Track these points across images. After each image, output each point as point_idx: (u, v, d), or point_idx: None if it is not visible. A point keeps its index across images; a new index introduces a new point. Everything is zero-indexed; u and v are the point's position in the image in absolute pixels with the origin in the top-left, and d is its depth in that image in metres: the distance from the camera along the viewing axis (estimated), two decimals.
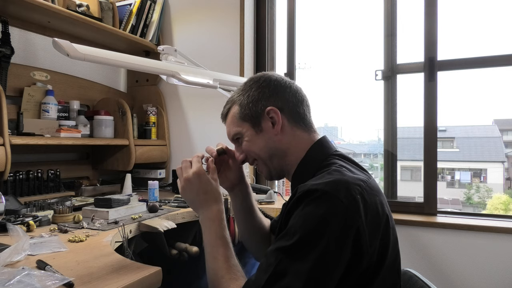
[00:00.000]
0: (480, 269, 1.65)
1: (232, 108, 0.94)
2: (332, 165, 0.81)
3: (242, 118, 0.91)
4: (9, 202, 1.30)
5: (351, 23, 2.92)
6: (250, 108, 0.90)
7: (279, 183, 2.02)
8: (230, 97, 0.97)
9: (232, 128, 0.94)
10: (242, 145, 0.93)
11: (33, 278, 0.76)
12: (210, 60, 2.14)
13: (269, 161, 0.91)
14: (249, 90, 0.92)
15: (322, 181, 0.72)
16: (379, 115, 1.98)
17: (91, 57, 1.20)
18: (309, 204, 0.69)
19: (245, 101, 0.91)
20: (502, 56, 1.78)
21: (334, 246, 0.66)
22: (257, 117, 0.89)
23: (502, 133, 7.52)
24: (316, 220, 0.67)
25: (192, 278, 1.73)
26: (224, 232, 0.84)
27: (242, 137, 0.93)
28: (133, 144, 1.98)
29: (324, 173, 0.78)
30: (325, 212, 0.68)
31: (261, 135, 0.90)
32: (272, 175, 0.94)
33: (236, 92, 0.96)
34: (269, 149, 0.89)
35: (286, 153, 0.89)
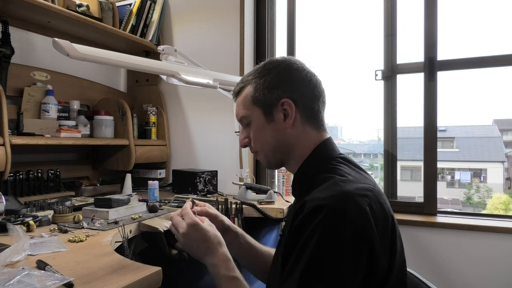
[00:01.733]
0: (480, 269, 1.65)
1: (246, 89, 0.88)
2: (337, 170, 0.78)
3: (255, 102, 0.86)
4: (9, 202, 1.30)
5: (351, 23, 2.92)
6: (265, 94, 0.85)
7: (279, 183, 2.02)
8: (244, 76, 0.91)
9: (242, 110, 0.89)
10: (249, 130, 0.89)
11: (33, 278, 0.76)
12: (210, 60, 2.14)
13: (273, 153, 0.88)
14: (267, 74, 0.86)
15: (329, 194, 0.70)
16: (379, 115, 1.99)
17: (91, 57, 1.20)
18: (319, 223, 0.66)
19: (261, 85, 0.86)
20: (502, 56, 1.78)
21: (349, 263, 0.64)
22: (270, 105, 0.85)
23: (502, 133, 7.52)
24: (328, 239, 0.65)
25: (192, 278, 1.72)
26: (233, 273, 0.83)
27: (251, 122, 0.88)
28: (133, 144, 1.98)
29: (330, 182, 0.74)
30: (336, 231, 0.65)
31: (271, 125, 0.85)
32: (271, 166, 0.92)
33: (253, 72, 0.89)
34: (276, 141, 0.86)
35: (292, 149, 0.86)
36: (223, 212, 1.61)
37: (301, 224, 0.69)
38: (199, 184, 1.95)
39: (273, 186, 2.21)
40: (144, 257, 1.50)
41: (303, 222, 0.69)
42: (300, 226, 0.69)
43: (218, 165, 2.16)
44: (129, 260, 0.95)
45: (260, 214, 1.64)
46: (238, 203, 1.64)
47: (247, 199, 1.76)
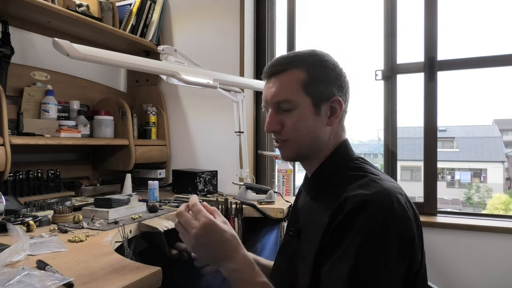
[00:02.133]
0: (480, 269, 1.65)
1: (295, 72, 0.80)
2: (364, 169, 0.78)
3: (307, 90, 0.80)
4: (9, 202, 1.30)
5: (351, 23, 2.92)
6: (321, 87, 0.80)
7: (279, 183, 2.02)
8: (289, 57, 0.83)
9: (287, 93, 0.80)
10: (285, 116, 0.81)
11: (33, 278, 0.76)
12: (210, 60, 2.14)
13: (306, 146, 0.82)
14: (324, 66, 0.82)
15: (373, 190, 0.69)
16: (379, 115, 1.98)
17: (91, 57, 1.20)
18: (367, 218, 0.65)
19: (317, 75, 0.80)
20: (502, 56, 1.78)
21: (396, 258, 0.65)
22: (321, 99, 0.80)
23: (502, 133, 7.52)
24: (378, 234, 0.65)
25: (192, 278, 1.73)
26: (261, 278, 0.73)
27: (294, 109, 0.80)
28: (133, 144, 1.98)
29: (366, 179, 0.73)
30: (384, 226, 0.65)
31: (316, 118, 0.81)
32: (294, 159, 0.88)
33: (301, 58, 0.82)
34: (315, 137, 0.82)
35: (323, 147, 0.83)
36: (223, 213, 1.61)
37: (347, 220, 0.67)
38: (199, 184, 1.95)
39: (273, 186, 2.21)
40: (144, 257, 1.50)
41: (348, 218, 0.67)
42: (346, 221, 0.67)
43: (218, 165, 2.16)
44: (129, 260, 0.95)
45: (260, 214, 1.64)
46: (238, 203, 1.64)
47: (247, 199, 1.76)
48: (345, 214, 0.68)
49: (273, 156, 2.11)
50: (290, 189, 2.02)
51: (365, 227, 0.65)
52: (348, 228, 0.66)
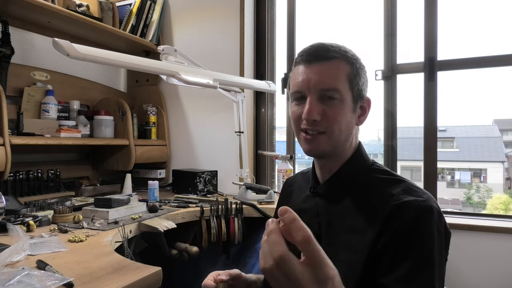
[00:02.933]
0: (480, 269, 1.65)
1: (342, 62, 0.77)
2: (388, 172, 0.80)
3: (351, 84, 0.77)
4: (9, 202, 1.30)
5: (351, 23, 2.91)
6: (362, 84, 0.80)
7: (279, 183, 2.02)
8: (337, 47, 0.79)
9: (334, 81, 0.75)
10: (328, 107, 0.76)
11: (33, 278, 0.76)
12: (210, 60, 2.14)
13: (340, 141, 0.78)
14: (363, 66, 0.81)
15: (425, 197, 0.71)
16: (379, 115, 1.98)
17: (91, 57, 1.20)
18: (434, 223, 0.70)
19: (360, 73, 0.79)
20: (502, 56, 1.78)
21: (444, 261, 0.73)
22: (359, 97, 0.79)
23: (502, 133, 7.52)
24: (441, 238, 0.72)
25: (192, 278, 1.73)
26: None
27: (339, 101, 0.76)
28: (133, 144, 1.98)
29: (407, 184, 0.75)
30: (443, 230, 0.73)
31: (352, 115, 0.79)
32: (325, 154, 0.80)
33: (348, 51, 0.80)
34: (349, 133, 0.79)
35: (348, 146, 0.81)
36: (223, 212, 1.61)
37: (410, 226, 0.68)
38: (199, 184, 1.95)
39: (273, 186, 2.21)
40: (144, 257, 1.50)
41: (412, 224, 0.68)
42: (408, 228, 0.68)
43: (218, 165, 2.16)
44: (129, 260, 0.95)
45: (260, 214, 1.64)
46: (238, 203, 1.64)
47: (247, 199, 1.76)
48: (406, 221, 0.68)
49: (273, 156, 2.11)
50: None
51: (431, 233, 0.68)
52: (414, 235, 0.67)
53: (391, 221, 0.68)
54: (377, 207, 0.71)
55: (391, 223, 0.68)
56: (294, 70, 0.81)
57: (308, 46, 0.80)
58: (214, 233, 1.58)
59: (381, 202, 0.71)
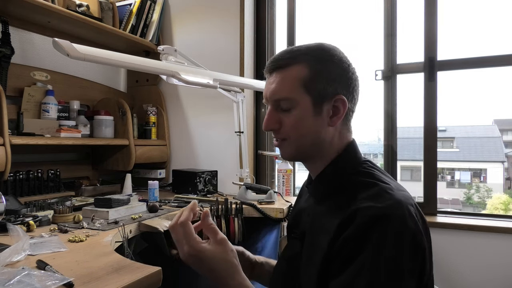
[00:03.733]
0: (480, 269, 1.65)
1: (297, 68, 0.76)
2: (374, 175, 0.75)
3: (307, 88, 0.75)
4: (9, 202, 1.30)
5: (351, 23, 2.91)
6: (322, 85, 0.75)
7: (279, 183, 2.02)
8: (293, 51, 0.78)
9: (286, 91, 0.76)
10: (284, 115, 0.77)
11: (33, 278, 0.76)
12: (210, 60, 2.14)
13: (306, 147, 0.79)
14: (328, 61, 0.77)
15: (385, 203, 0.67)
16: (379, 115, 1.98)
17: (91, 57, 1.20)
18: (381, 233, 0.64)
19: (320, 72, 0.75)
20: (502, 56, 1.78)
21: (409, 273, 0.63)
22: (323, 98, 0.76)
23: (502, 133, 7.52)
24: (392, 248, 0.63)
25: (192, 278, 1.73)
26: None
27: (293, 108, 0.76)
28: (133, 144, 1.98)
29: (377, 189, 0.71)
30: (398, 240, 0.63)
31: (316, 118, 0.76)
32: (295, 158, 0.84)
33: (306, 51, 0.77)
34: (316, 137, 0.78)
35: (326, 148, 0.79)
36: (223, 212, 1.61)
37: (357, 234, 0.65)
38: (199, 184, 1.95)
39: (273, 186, 2.21)
40: (144, 257, 1.50)
41: (360, 232, 0.65)
42: (356, 235, 0.65)
43: (218, 165, 2.16)
44: (129, 260, 0.95)
45: (260, 214, 1.64)
46: (238, 203, 1.64)
47: (247, 199, 1.76)
48: (357, 227, 0.65)
49: (273, 156, 2.11)
50: (290, 189, 2.02)
51: (379, 242, 0.63)
52: (361, 242, 0.64)
53: (344, 226, 0.67)
54: (340, 210, 0.70)
55: (343, 229, 0.67)
56: None
57: (272, 56, 0.82)
58: None
59: (344, 206, 0.69)
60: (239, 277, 0.73)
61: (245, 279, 0.74)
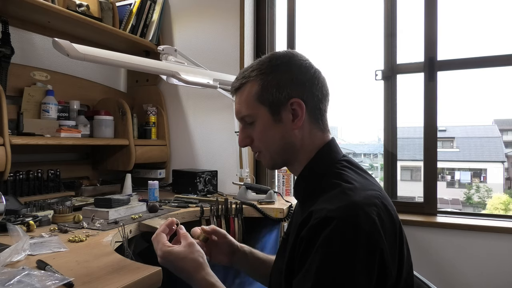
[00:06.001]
0: (480, 269, 1.65)
1: (249, 85, 0.81)
2: (342, 176, 0.75)
3: (261, 100, 0.80)
4: (9, 202, 1.30)
5: (351, 23, 2.92)
6: (273, 93, 0.79)
7: (279, 183, 2.02)
8: (246, 71, 0.84)
9: (245, 109, 0.82)
10: (252, 129, 0.83)
11: (33, 278, 0.76)
12: (210, 60, 2.14)
13: (278, 154, 0.83)
14: (275, 70, 0.80)
15: (338, 205, 0.67)
16: (379, 115, 1.99)
17: (91, 57, 1.20)
18: (329, 235, 0.64)
19: (268, 82, 0.79)
20: (502, 56, 1.78)
21: (362, 275, 0.62)
22: (278, 105, 0.79)
23: (502, 133, 7.53)
24: (340, 251, 0.63)
25: None
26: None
27: (255, 121, 0.82)
28: (133, 144, 1.98)
29: (337, 190, 0.71)
30: (348, 243, 0.63)
31: (278, 125, 0.80)
32: (275, 167, 0.88)
33: (257, 67, 0.82)
34: (283, 143, 0.81)
35: (298, 150, 0.82)
36: (223, 212, 1.61)
37: (309, 235, 0.66)
38: (199, 184, 1.95)
39: (273, 186, 2.21)
40: (144, 257, 1.50)
41: (311, 233, 0.66)
42: (308, 237, 0.66)
43: (218, 165, 2.16)
44: (129, 260, 0.95)
45: (260, 214, 1.64)
46: (238, 203, 1.64)
47: (247, 199, 1.76)
48: (309, 229, 0.67)
49: None
50: (290, 189, 2.02)
51: (326, 245, 0.63)
52: (311, 244, 0.65)
53: (302, 227, 0.69)
54: (303, 214, 0.72)
55: (301, 229, 0.69)
56: None
57: None
58: None
59: (308, 208, 0.71)
60: (203, 272, 0.80)
61: (209, 275, 0.80)
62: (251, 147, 0.86)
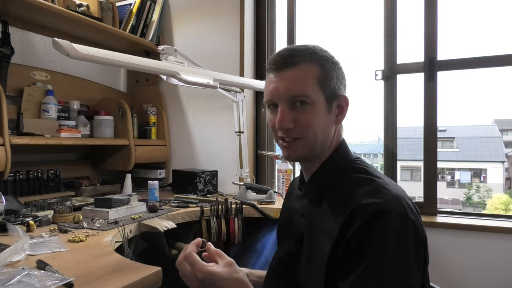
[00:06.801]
0: (480, 269, 1.65)
1: (307, 66, 0.76)
2: (368, 171, 0.76)
3: (321, 86, 0.76)
4: (9, 202, 1.30)
5: (351, 23, 2.92)
6: (333, 83, 0.77)
7: (279, 183, 2.02)
8: (298, 50, 0.78)
9: (304, 88, 0.75)
10: (300, 113, 0.76)
11: (33, 278, 0.76)
12: (210, 60, 2.14)
13: (316, 145, 0.77)
14: (335, 63, 0.79)
15: (386, 198, 0.67)
16: (379, 115, 1.98)
17: (91, 57, 1.20)
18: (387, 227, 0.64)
19: (332, 71, 0.77)
20: (502, 56, 1.78)
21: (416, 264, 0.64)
22: (333, 97, 0.77)
23: (502, 133, 7.53)
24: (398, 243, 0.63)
25: None
26: None
27: (310, 105, 0.75)
28: (133, 144, 1.98)
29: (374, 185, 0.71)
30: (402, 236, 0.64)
31: (328, 116, 0.77)
32: (302, 159, 0.82)
33: (317, 50, 0.78)
34: (324, 136, 0.78)
35: (327, 146, 0.80)
36: (223, 212, 1.61)
37: (365, 231, 0.65)
38: (199, 184, 1.95)
39: (273, 186, 2.21)
40: (144, 257, 1.50)
41: (367, 229, 0.65)
42: (364, 233, 0.65)
43: (218, 165, 2.16)
44: (129, 260, 0.95)
45: (260, 214, 1.64)
46: (238, 203, 1.64)
47: (247, 199, 1.76)
48: (361, 226, 0.65)
49: (273, 156, 2.11)
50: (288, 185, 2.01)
51: (383, 239, 0.63)
52: (365, 240, 0.64)
53: (347, 225, 0.67)
54: (341, 210, 0.70)
55: (347, 228, 0.66)
56: (266, 79, 0.81)
57: (276, 53, 0.80)
58: (214, 233, 1.58)
59: (344, 205, 0.69)
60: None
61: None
62: (288, 132, 0.77)
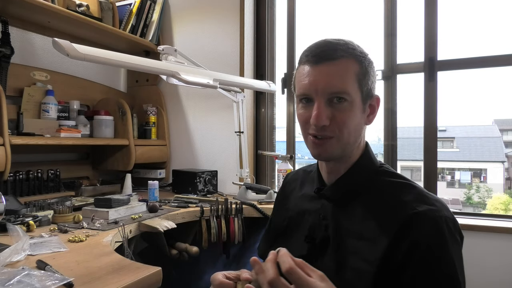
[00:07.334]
0: (480, 269, 1.65)
1: (347, 61, 0.72)
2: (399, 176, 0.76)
3: (359, 83, 0.72)
4: (9, 202, 1.30)
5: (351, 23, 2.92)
6: (370, 81, 0.75)
7: (279, 183, 2.02)
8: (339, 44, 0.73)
9: (345, 85, 0.70)
10: (336, 110, 0.71)
11: (33, 278, 0.76)
12: (210, 60, 2.14)
13: (348, 144, 0.74)
14: (372, 62, 0.77)
15: (438, 205, 0.68)
16: (379, 115, 1.98)
17: (91, 57, 1.20)
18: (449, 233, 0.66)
19: (368, 70, 0.74)
20: (502, 56, 1.78)
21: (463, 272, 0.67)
22: (369, 96, 0.75)
23: (502, 133, 7.53)
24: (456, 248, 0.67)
25: (192, 278, 1.73)
26: None
27: (348, 103, 0.71)
28: (133, 144, 1.98)
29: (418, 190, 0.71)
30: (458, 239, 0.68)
31: (362, 116, 0.74)
32: (332, 158, 0.76)
33: (355, 46, 0.75)
34: (356, 135, 0.75)
35: (356, 146, 0.77)
36: (223, 212, 1.61)
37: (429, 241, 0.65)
38: (199, 184, 1.95)
39: (273, 186, 2.21)
40: (144, 257, 1.50)
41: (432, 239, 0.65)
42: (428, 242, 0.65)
43: (218, 165, 2.16)
44: (129, 260, 0.95)
45: (260, 214, 1.64)
46: (238, 203, 1.64)
47: (247, 199, 1.76)
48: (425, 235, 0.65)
49: (273, 156, 2.11)
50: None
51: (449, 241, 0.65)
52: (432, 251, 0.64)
53: (406, 233, 0.65)
54: (389, 215, 0.68)
55: (407, 236, 0.65)
56: (299, 70, 0.76)
57: (314, 45, 0.75)
58: (214, 233, 1.58)
59: (393, 210, 0.68)
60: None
61: None
62: (324, 130, 0.72)
